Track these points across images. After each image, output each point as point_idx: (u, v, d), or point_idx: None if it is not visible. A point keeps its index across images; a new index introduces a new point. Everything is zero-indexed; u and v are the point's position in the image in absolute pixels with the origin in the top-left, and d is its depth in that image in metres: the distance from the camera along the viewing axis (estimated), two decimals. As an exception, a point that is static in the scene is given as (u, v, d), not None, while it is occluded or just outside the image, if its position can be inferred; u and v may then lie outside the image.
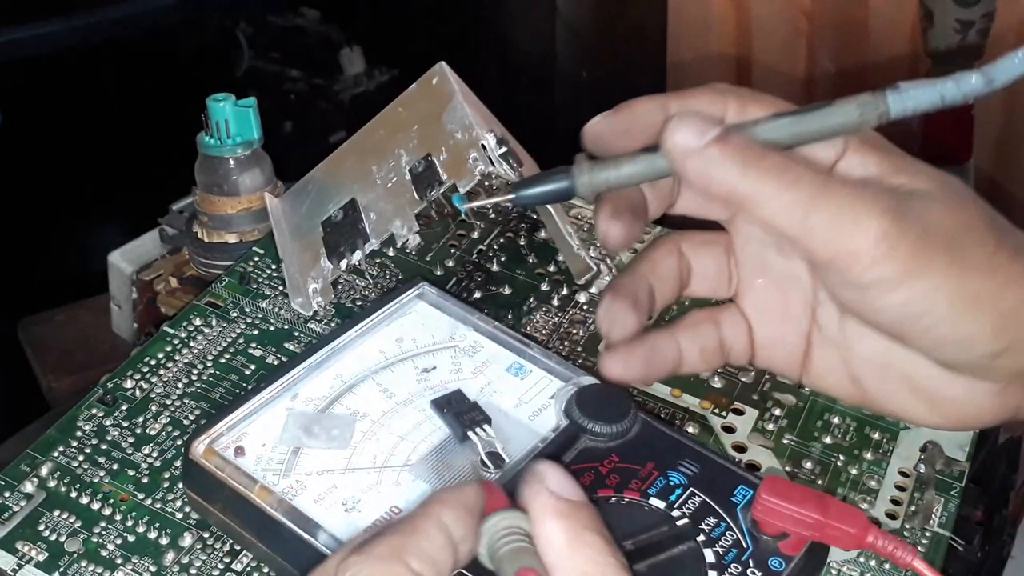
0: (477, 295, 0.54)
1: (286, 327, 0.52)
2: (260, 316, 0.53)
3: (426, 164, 0.52)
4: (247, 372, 0.50)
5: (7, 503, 0.45)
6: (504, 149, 0.50)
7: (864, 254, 0.38)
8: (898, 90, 0.39)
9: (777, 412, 0.49)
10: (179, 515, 0.45)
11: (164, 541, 0.44)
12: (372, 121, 0.57)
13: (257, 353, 0.51)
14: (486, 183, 0.61)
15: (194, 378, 0.50)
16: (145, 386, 0.50)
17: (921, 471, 0.47)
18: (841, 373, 0.44)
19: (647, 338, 0.43)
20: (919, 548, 0.44)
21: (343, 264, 0.53)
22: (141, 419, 0.48)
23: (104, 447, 0.47)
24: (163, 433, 0.48)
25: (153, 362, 0.51)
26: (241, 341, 0.52)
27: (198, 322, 0.52)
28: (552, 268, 0.56)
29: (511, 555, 0.33)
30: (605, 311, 0.43)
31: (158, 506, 0.45)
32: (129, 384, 0.50)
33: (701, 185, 0.39)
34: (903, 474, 0.47)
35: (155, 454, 0.47)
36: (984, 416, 0.43)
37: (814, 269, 0.43)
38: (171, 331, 0.52)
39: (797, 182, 0.38)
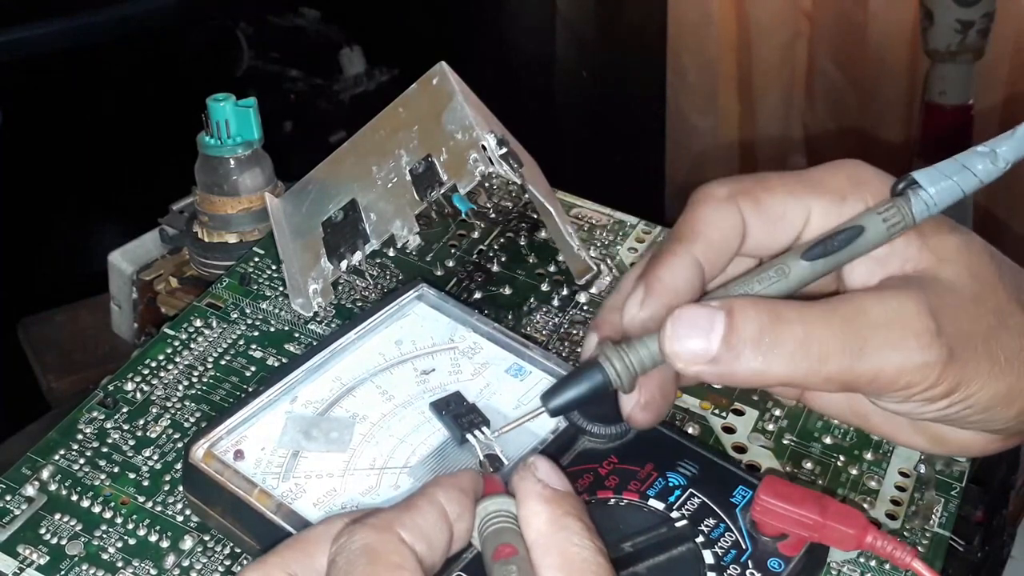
0: (477, 295, 0.54)
1: (287, 328, 0.52)
2: (260, 317, 0.53)
3: (426, 165, 0.52)
4: (248, 374, 0.50)
5: (8, 506, 0.45)
6: (504, 150, 0.50)
7: (913, 385, 0.39)
8: (918, 194, 0.39)
9: (777, 412, 0.49)
10: (180, 518, 0.45)
11: (165, 544, 0.44)
12: (372, 121, 0.57)
13: (258, 354, 0.51)
14: (486, 183, 0.61)
15: (195, 380, 0.50)
16: (146, 388, 0.50)
17: (921, 471, 0.47)
18: (843, 407, 0.45)
19: (655, 378, 0.41)
20: (919, 548, 0.44)
21: (343, 265, 0.53)
22: (142, 422, 0.48)
23: (105, 450, 0.47)
24: (164, 436, 0.48)
25: (154, 364, 0.51)
26: (242, 342, 0.52)
27: (198, 323, 0.52)
28: (552, 268, 0.56)
29: (495, 533, 0.35)
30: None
31: (159, 509, 0.45)
32: (130, 386, 0.50)
33: (728, 384, 0.39)
34: (903, 474, 0.47)
35: (156, 457, 0.47)
36: (988, 449, 0.44)
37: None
38: (171, 333, 0.52)
39: (826, 356, 0.38)
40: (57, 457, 0.47)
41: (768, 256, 0.42)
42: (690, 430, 0.48)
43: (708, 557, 0.39)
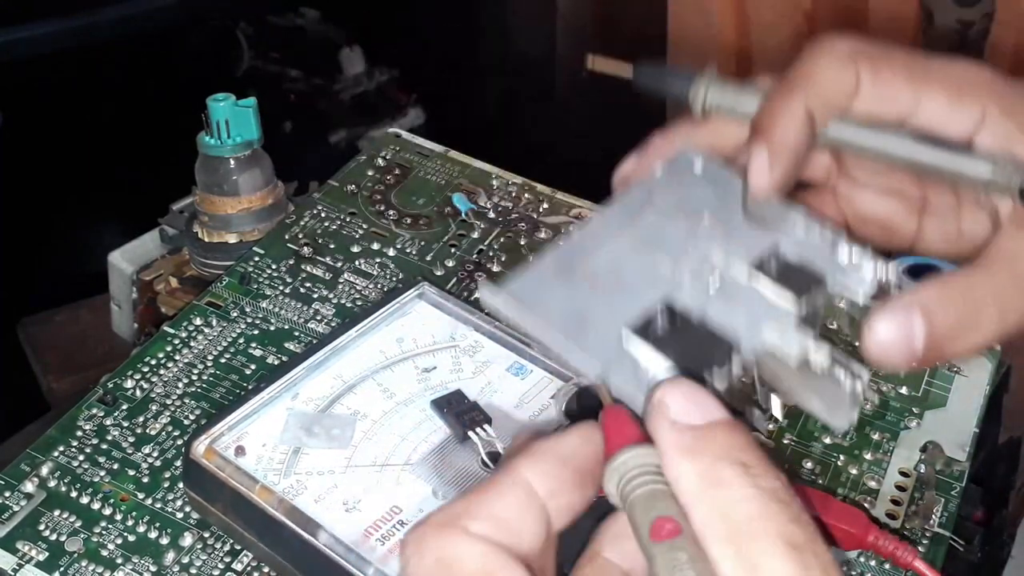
0: (478, 295, 0.54)
1: (286, 327, 0.52)
2: (260, 316, 0.53)
3: (783, 263, 0.39)
4: (247, 372, 0.50)
5: (7, 503, 0.45)
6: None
7: None
8: None
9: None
10: (179, 515, 0.45)
11: (164, 541, 0.44)
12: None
13: (257, 353, 0.51)
14: (494, 182, 0.61)
15: (194, 378, 0.50)
16: (145, 386, 0.50)
17: (921, 471, 0.47)
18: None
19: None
20: (919, 548, 0.44)
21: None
22: (141, 419, 0.48)
23: (104, 447, 0.47)
24: (163, 433, 0.48)
25: (153, 362, 0.51)
26: (241, 341, 0.52)
27: (198, 322, 0.52)
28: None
29: (644, 500, 0.29)
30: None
31: (158, 506, 0.45)
32: (129, 384, 0.50)
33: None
34: (903, 474, 0.47)
35: (155, 454, 0.47)
36: None
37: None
38: (171, 331, 0.52)
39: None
40: (57, 454, 0.47)
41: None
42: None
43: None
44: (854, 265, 0.39)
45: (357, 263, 0.56)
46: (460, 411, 0.44)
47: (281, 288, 0.54)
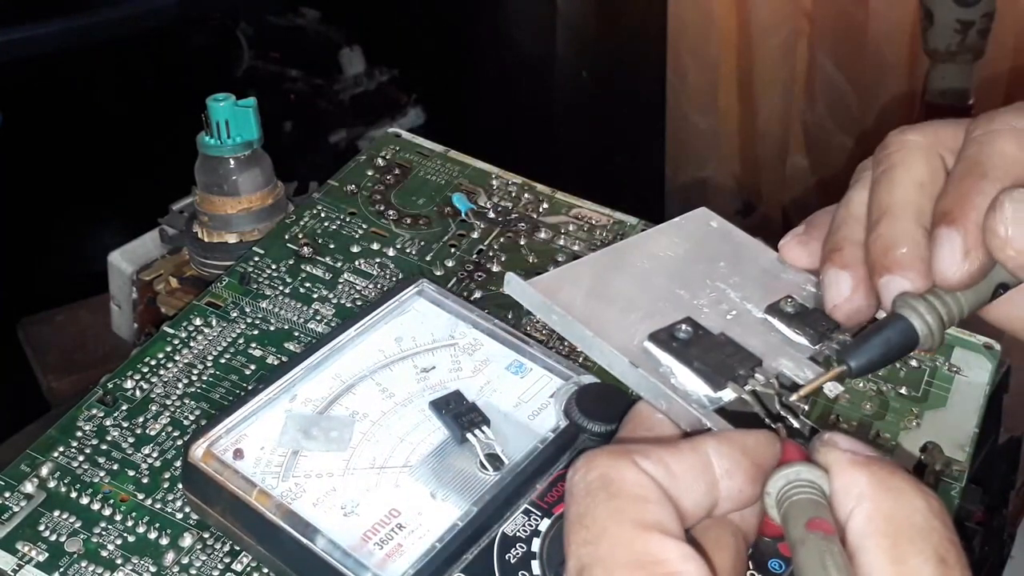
0: (477, 295, 0.54)
1: (286, 327, 0.52)
2: (260, 316, 0.53)
3: (799, 307, 0.41)
4: (247, 372, 0.50)
5: (7, 503, 0.45)
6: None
7: None
8: None
9: (777, 412, 0.49)
10: (179, 515, 0.45)
11: (164, 541, 0.44)
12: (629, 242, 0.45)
13: (257, 353, 0.51)
14: (494, 182, 0.61)
15: (194, 378, 0.50)
16: (145, 386, 0.50)
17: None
18: None
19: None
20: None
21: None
22: (141, 419, 0.48)
23: (104, 447, 0.47)
24: (163, 433, 0.48)
25: (153, 362, 0.51)
26: (241, 341, 0.52)
27: (198, 322, 0.52)
28: (552, 268, 0.56)
29: (803, 504, 0.31)
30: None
31: (158, 506, 0.45)
32: (129, 384, 0.50)
33: None
34: (903, 474, 0.47)
35: (155, 454, 0.47)
36: None
37: None
38: (171, 331, 0.52)
39: None
40: (56, 454, 0.47)
41: None
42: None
43: (708, 556, 0.39)
44: None
45: (357, 263, 0.56)
46: (458, 412, 0.44)
47: (281, 288, 0.54)
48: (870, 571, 0.29)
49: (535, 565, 0.39)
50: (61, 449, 0.47)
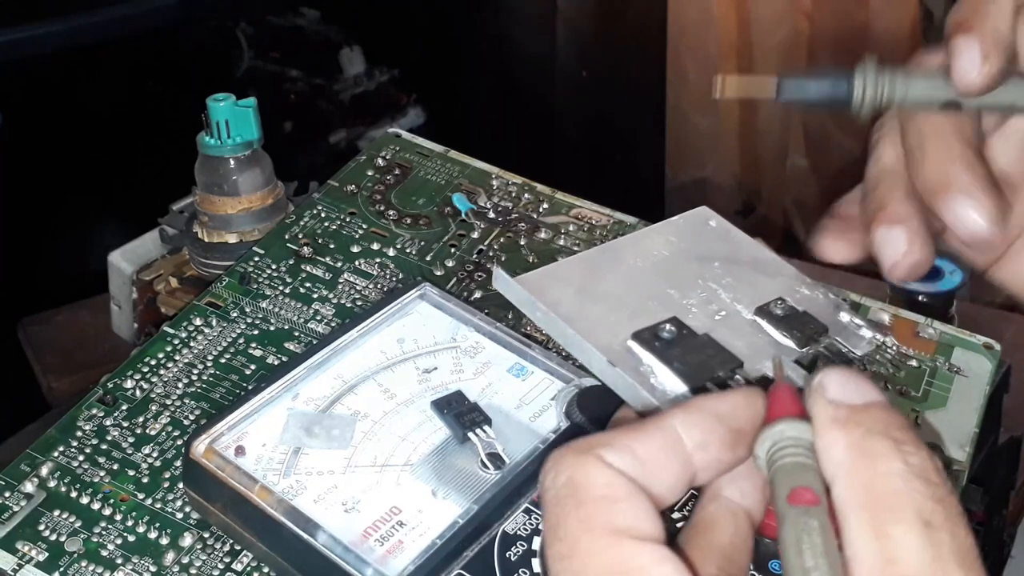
0: (478, 295, 0.54)
1: (286, 327, 0.52)
2: (260, 316, 0.53)
3: (789, 309, 0.41)
4: (247, 372, 0.50)
5: (7, 503, 0.45)
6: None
7: None
8: None
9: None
10: (179, 515, 0.45)
11: (164, 541, 0.44)
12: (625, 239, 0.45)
13: (257, 353, 0.51)
14: (495, 182, 0.61)
15: (194, 378, 0.50)
16: (145, 386, 0.50)
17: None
18: None
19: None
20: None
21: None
22: (141, 419, 0.48)
23: (104, 447, 0.47)
24: (163, 433, 0.48)
25: (153, 362, 0.51)
26: (241, 341, 0.52)
27: (198, 322, 0.52)
28: (552, 268, 0.56)
29: (790, 468, 0.29)
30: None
31: (158, 506, 0.45)
32: (129, 384, 0.50)
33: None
34: (903, 474, 0.47)
35: (155, 454, 0.47)
36: None
37: None
38: (171, 331, 0.52)
39: None
40: (56, 454, 0.47)
41: None
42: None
43: (709, 555, 0.39)
44: (855, 324, 0.41)
45: (357, 263, 0.56)
46: (460, 412, 0.44)
47: (281, 288, 0.54)
48: (854, 548, 0.27)
49: (535, 563, 0.39)
50: (61, 449, 0.47)
